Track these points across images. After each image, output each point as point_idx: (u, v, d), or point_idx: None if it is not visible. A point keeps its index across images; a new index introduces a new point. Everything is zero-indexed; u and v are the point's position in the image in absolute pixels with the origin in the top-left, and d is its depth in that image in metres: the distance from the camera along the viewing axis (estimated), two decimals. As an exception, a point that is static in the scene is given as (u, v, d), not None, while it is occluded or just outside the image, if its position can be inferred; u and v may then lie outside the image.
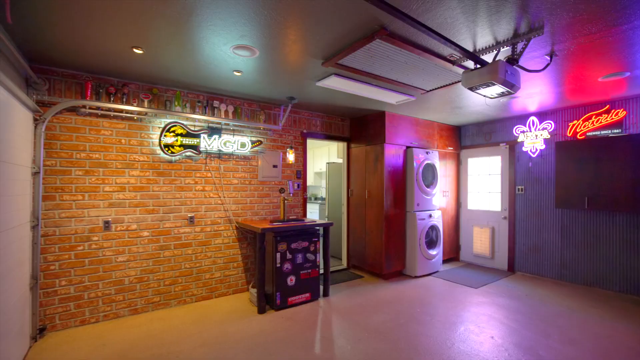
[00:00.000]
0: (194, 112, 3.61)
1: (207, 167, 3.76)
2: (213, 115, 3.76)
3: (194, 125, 3.66)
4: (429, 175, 4.97)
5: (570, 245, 4.35)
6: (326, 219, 6.06)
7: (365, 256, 4.84)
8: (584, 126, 4.17)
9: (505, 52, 2.52)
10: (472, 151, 5.59)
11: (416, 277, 4.71)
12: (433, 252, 4.85)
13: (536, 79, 3.24)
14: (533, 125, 4.64)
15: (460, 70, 2.90)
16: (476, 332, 2.96)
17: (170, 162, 3.52)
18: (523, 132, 4.76)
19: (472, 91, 2.46)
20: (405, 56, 2.61)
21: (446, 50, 2.53)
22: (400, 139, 4.73)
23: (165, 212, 3.49)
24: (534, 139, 4.63)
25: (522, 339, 2.85)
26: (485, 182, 5.43)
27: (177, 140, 3.50)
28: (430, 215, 4.86)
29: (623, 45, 2.42)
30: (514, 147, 4.96)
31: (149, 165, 3.40)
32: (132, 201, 3.31)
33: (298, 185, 4.53)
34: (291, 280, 3.56)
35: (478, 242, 5.38)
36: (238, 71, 3.02)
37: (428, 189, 4.87)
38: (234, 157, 3.97)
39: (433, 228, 4.92)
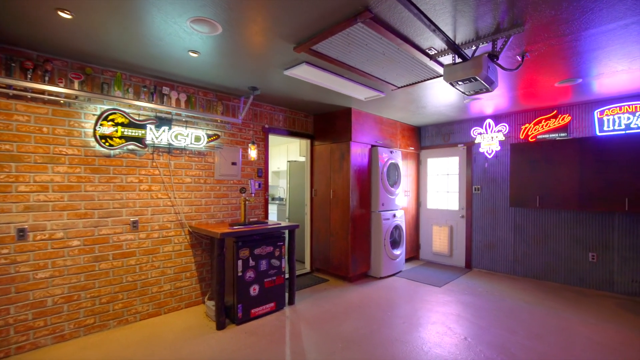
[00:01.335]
0: (138, 99, 3.08)
1: (154, 164, 3.25)
2: (162, 103, 3.26)
3: (139, 114, 3.13)
4: (393, 174, 4.94)
5: (522, 241, 4.60)
6: (287, 220, 5.75)
7: (330, 259, 4.64)
8: (535, 129, 4.43)
9: (483, 48, 2.48)
10: (431, 151, 5.71)
11: (381, 278, 4.63)
12: (397, 252, 4.82)
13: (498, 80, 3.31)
14: (489, 127, 4.84)
15: (435, 66, 2.82)
16: (449, 334, 2.91)
17: (108, 156, 2.96)
18: (480, 133, 4.94)
19: (453, 86, 2.37)
20: (384, 46, 2.44)
21: (426, 42, 2.41)
22: (365, 138, 4.61)
23: (101, 217, 2.92)
24: (490, 141, 4.83)
25: (493, 337, 2.85)
26: (444, 181, 5.57)
27: (116, 131, 2.95)
28: (394, 215, 4.83)
29: (586, 49, 2.52)
30: (471, 148, 5.14)
31: (81, 160, 2.82)
32: (58, 203, 2.70)
33: (259, 185, 4.17)
34: (254, 289, 3.21)
35: (437, 240, 5.50)
36: (194, 52, 2.60)
37: (392, 189, 4.83)
38: (187, 152, 3.50)
39: (397, 228, 4.89)
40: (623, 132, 3.78)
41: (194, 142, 3.47)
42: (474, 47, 2.43)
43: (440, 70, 2.91)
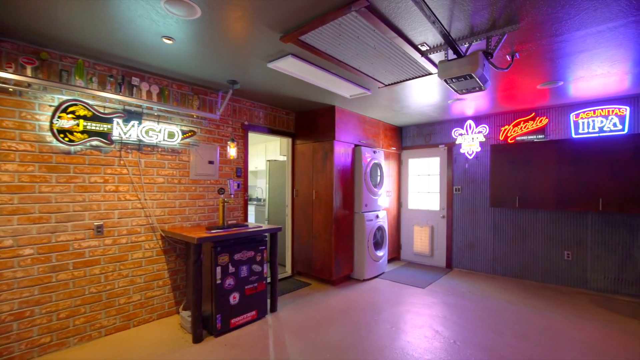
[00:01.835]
0: (103, 89, 2.77)
1: (122, 162, 2.94)
2: (131, 95, 2.96)
3: (104, 107, 2.82)
4: (376, 175, 4.87)
5: (501, 241, 4.68)
6: (266, 222, 5.54)
7: (312, 261, 4.48)
8: (514, 131, 4.51)
9: (476, 46, 2.42)
10: (412, 152, 5.70)
11: (364, 280, 4.54)
12: (380, 253, 4.75)
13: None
14: (470, 128, 4.88)
15: (425, 64, 2.74)
16: (438, 338, 2.85)
17: (68, 153, 2.63)
18: (461, 134, 4.98)
19: (447, 84, 2.29)
20: (376, 39, 2.32)
21: (419, 37, 2.32)
22: (349, 137, 4.50)
23: (59, 221, 2.59)
24: (470, 142, 4.87)
25: (480, 339, 2.82)
26: (425, 182, 5.58)
27: (78, 125, 2.63)
28: (377, 216, 4.75)
29: (573, 51, 2.53)
30: (452, 148, 5.18)
31: (35, 157, 2.48)
32: (5, 207, 2.35)
33: (238, 185, 3.94)
34: (234, 298, 2.99)
35: (418, 241, 5.50)
36: (169, 38, 2.35)
37: (375, 189, 4.75)
38: (159, 149, 3.21)
39: (380, 229, 4.82)
40: (597, 134, 3.92)
41: (167, 138, 3.19)
42: (467, 44, 2.37)
43: (430, 68, 2.84)
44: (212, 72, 3.06)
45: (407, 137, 5.73)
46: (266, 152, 7.24)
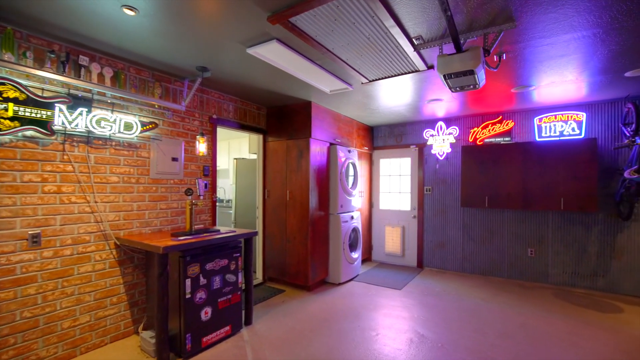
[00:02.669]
0: (41, 68, 2.26)
1: (66, 157, 2.44)
2: (78, 77, 2.47)
3: (43, 90, 2.31)
4: (352, 174, 4.74)
5: (470, 240, 4.81)
6: (232, 225, 5.14)
7: (286, 266, 4.21)
8: (483, 133, 4.66)
9: (470, 42, 2.36)
10: (384, 152, 5.68)
11: (340, 284, 4.38)
12: (355, 255, 4.63)
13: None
14: (441, 129, 4.96)
15: (415, 59, 2.64)
16: (425, 342, 2.76)
17: (-9, 144, 2.10)
18: (432, 135, 5.05)
19: (444, 79, 2.19)
20: (372, 28, 2.16)
21: (417, 29, 2.20)
22: (325, 135, 4.31)
23: (-21, 230, 2.04)
24: (441, 143, 4.95)
25: (466, 340, 2.79)
26: (396, 182, 5.58)
27: (6, 110, 2.11)
28: (352, 217, 4.62)
29: (556, 55, 2.59)
30: (423, 149, 5.23)
31: (-58, 149, 1.92)
32: None
33: (206, 185, 3.54)
34: (206, 313, 2.63)
35: (390, 241, 5.48)
36: (131, 8, 1.96)
37: (350, 190, 4.62)
38: (114, 143, 2.74)
39: (354, 230, 4.70)
40: (558, 138, 4.17)
41: (124, 130, 2.72)
42: (462, 40, 2.30)
43: (419, 64, 2.75)
44: (180, 55, 2.67)
45: (379, 137, 5.70)
46: (229, 150, 6.80)
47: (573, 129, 4.07)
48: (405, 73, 2.98)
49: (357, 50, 2.52)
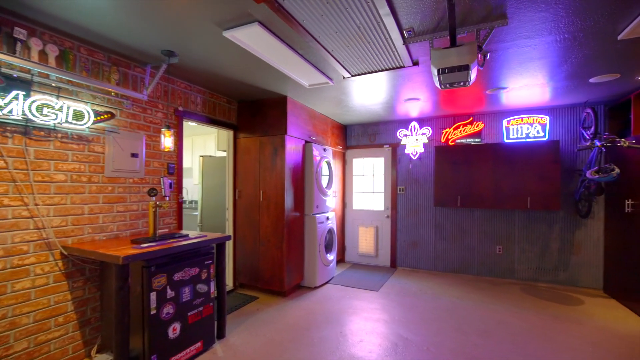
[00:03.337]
0: (-37, 39, 1.82)
1: (-4, 150, 2.00)
2: (13, 53, 2.04)
3: (-36, 65, 1.86)
4: (326, 174, 4.59)
5: (442, 239, 4.88)
6: (198, 228, 4.75)
7: (259, 271, 3.94)
8: (454, 134, 4.75)
9: (461, 38, 2.31)
10: (357, 151, 5.61)
11: (316, 287, 4.20)
12: (330, 257, 4.48)
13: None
14: (414, 129, 4.99)
15: (403, 53, 2.55)
16: (411, 347, 2.68)
17: None
18: (406, 135, 5.06)
19: (438, 73, 2.11)
20: (364, 15, 2.01)
21: (409, 20, 2.09)
22: (300, 132, 4.11)
23: None
24: (415, 143, 4.98)
25: (450, 341, 2.76)
26: (369, 182, 5.54)
27: None
28: (327, 218, 4.47)
29: (535, 57, 2.64)
30: (396, 149, 5.23)
31: None
32: None
33: (171, 185, 3.18)
34: (175, 330, 2.32)
35: (364, 241, 5.42)
36: (87, -28, 1.62)
37: (326, 189, 4.47)
38: (59, 135, 2.32)
39: (330, 232, 4.55)
40: (524, 140, 4.36)
41: (73, 120, 2.32)
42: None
43: (405, 59, 2.66)
44: (143, 35, 2.32)
45: (352, 137, 5.62)
46: (193, 147, 6.34)
47: (538, 132, 4.28)
48: (390, 69, 2.88)
49: (345, 40, 2.36)
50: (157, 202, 2.58)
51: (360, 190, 5.61)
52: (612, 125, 3.97)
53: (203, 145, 6.19)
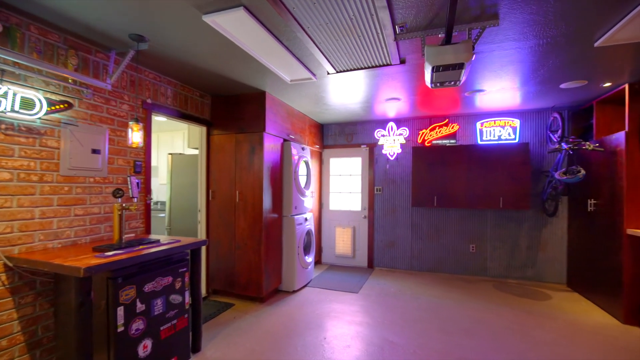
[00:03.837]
0: None
1: None
2: (-56, 26, 1.70)
3: None
4: (304, 174, 4.45)
5: (418, 238, 4.94)
6: (166, 231, 4.41)
7: (235, 276, 3.72)
8: (430, 135, 4.82)
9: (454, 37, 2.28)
10: (334, 151, 5.53)
11: (294, 291, 4.05)
12: (309, 259, 4.35)
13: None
14: (392, 130, 5.00)
15: (392, 50, 2.49)
16: (398, 350, 2.63)
17: None
18: (383, 135, 5.06)
19: (432, 71, 2.06)
20: (359, 7, 1.91)
21: (404, 14, 2.02)
22: (279, 130, 3.94)
23: None
24: (392, 143, 4.99)
25: (435, 342, 2.75)
26: (346, 182, 5.48)
27: None
28: (305, 219, 4.34)
29: (517, 60, 2.70)
30: (373, 149, 5.21)
31: None
32: None
33: (138, 185, 2.88)
34: (145, 347, 2.07)
35: (341, 242, 5.35)
36: None
37: (304, 190, 4.33)
38: (3, 126, 1.98)
39: (308, 233, 4.42)
40: (497, 142, 4.51)
41: (20, 109, 1.99)
42: (441, 34, 2.20)
43: (394, 57, 2.60)
44: (108, 16, 2.05)
45: (329, 136, 5.53)
46: (159, 144, 5.92)
47: (509, 134, 4.45)
48: (377, 66, 2.81)
49: (335, 33, 2.25)
50: (124, 204, 2.30)
51: (337, 191, 5.53)
52: (575, 130, 4.22)
53: (170, 142, 5.79)
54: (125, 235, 2.77)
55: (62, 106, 2.23)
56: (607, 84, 3.30)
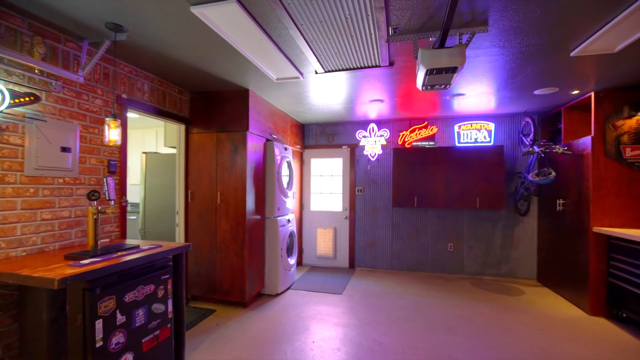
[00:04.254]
0: None
1: None
2: None
3: None
4: (286, 174, 4.37)
5: (398, 238, 5.02)
6: (140, 235, 4.15)
7: (216, 281, 3.57)
8: (410, 137, 4.91)
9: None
10: (315, 151, 5.49)
11: (277, 295, 3.96)
12: (292, 261, 4.28)
13: (407, 84, 3.36)
14: (373, 131, 5.04)
15: (383, 51, 2.49)
16: (387, 350, 2.63)
17: None
18: (364, 136, 5.09)
19: (426, 74, 2.08)
20: (356, 6, 1.88)
21: (399, 16, 2.02)
22: (261, 129, 3.84)
23: None
24: (373, 144, 5.03)
25: (422, 340, 2.79)
26: (327, 183, 5.46)
27: None
28: (288, 221, 4.26)
29: (500, 66, 2.80)
30: (354, 150, 5.23)
31: None
32: None
33: (114, 186, 2.67)
34: (126, 362, 1.91)
35: (322, 243, 5.32)
36: None
37: (287, 190, 4.25)
38: (-41, 120, 1.75)
39: (291, 235, 4.35)
40: (473, 144, 4.69)
41: (-21, 101, 1.77)
42: (434, 37, 2.23)
43: (384, 58, 2.60)
44: (82, 0, 1.87)
45: (310, 136, 5.48)
46: (129, 142, 5.56)
47: (485, 137, 4.64)
48: (366, 67, 2.81)
49: (329, 31, 2.20)
50: (100, 207, 2.12)
51: (318, 191, 5.50)
52: (544, 134, 4.47)
53: (142, 141, 5.48)
54: (100, 240, 2.55)
55: (27, 99, 2.02)
56: (575, 92, 3.52)
